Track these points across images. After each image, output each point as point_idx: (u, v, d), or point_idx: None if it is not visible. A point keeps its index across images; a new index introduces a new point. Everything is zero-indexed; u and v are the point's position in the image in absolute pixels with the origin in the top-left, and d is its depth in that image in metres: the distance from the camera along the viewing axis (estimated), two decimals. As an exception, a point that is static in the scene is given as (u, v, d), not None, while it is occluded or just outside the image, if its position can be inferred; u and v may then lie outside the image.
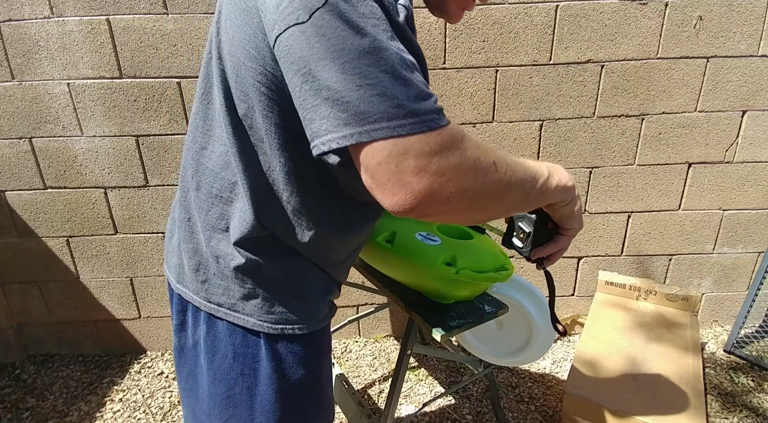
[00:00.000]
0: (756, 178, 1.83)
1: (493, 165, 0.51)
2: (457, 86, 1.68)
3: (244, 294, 0.74)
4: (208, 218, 0.72)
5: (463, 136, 0.50)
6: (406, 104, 0.47)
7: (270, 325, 0.74)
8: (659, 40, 1.64)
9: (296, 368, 0.78)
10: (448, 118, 0.50)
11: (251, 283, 0.73)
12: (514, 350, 1.34)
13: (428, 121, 0.47)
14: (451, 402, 1.69)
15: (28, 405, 1.74)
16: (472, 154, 0.50)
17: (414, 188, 0.48)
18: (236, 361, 0.76)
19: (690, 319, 1.80)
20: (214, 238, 0.72)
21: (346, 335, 2.07)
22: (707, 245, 1.93)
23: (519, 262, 1.95)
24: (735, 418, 1.59)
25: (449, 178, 0.48)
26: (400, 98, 0.47)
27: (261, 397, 0.78)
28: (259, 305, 0.74)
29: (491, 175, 0.51)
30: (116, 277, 1.89)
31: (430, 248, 0.91)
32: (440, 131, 0.48)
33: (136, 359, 1.98)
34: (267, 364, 0.76)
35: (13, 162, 1.71)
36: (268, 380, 0.77)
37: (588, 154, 1.79)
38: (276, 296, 0.74)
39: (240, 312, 0.75)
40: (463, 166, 0.49)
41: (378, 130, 0.46)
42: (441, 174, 0.48)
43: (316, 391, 0.83)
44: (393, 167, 0.47)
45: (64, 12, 1.53)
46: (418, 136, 0.47)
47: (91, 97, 1.63)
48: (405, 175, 0.47)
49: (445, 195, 0.49)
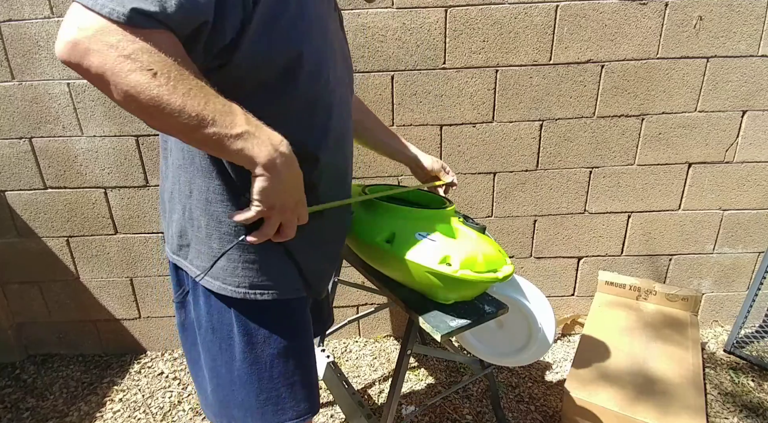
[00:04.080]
0: (756, 178, 1.83)
1: (148, 71, 0.53)
2: (457, 86, 1.68)
3: (211, 255, 0.79)
4: (180, 188, 0.79)
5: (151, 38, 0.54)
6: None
7: (233, 289, 0.79)
8: (659, 40, 1.64)
9: (266, 341, 0.85)
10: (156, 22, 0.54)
11: (217, 243, 0.78)
12: (514, 350, 1.34)
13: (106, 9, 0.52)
14: (451, 402, 1.69)
15: (28, 405, 1.74)
16: (132, 48, 0.53)
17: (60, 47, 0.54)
18: (215, 335, 0.84)
19: (690, 319, 1.80)
20: (188, 205, 0.79)
21: (346, 335, 2.07)
22: (707, 245, 1.93)
23: (519, 262, 1.95)
24: (735, 418, 1.59)
25: (93, 50, 0.53)
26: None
27: (238, 371, 0.85)
28: (224, 267, 0.79)
29: (137, 75, 0.53)
30: (116, 277, 1.89)
31: (428, 248, 0.91)
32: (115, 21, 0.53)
33: (136, 359, 1.98)
34: (240, 338, 0.83)
35: (13, 162, 1.71)
36: (242, 355, 0.84)
37: (588, 154, 1.79)
38: (238, 258, 0.78)
39: (210, 276, 0.80)
40: (112, 49, 0.53)
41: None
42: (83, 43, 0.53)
43: (288, 366, 0.87)
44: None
45: (64, 12, 1.53)
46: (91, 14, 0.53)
47: (91, 97, 1.63)
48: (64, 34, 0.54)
49: (86, 62, 0.53)
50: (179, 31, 0.57)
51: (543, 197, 1.85)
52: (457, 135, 1.74)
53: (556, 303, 2.03)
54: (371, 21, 1.58)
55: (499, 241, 1.90)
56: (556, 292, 2.01)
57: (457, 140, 1.75)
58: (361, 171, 1.78)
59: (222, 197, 0.75)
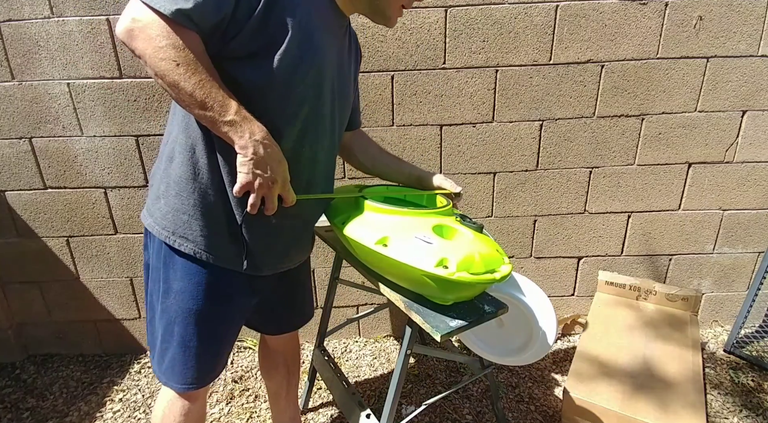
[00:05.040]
0: (756, 178, 1.83)
1: (174, 62, 0.74)
2: (457, 86, 1.68)
3: (156, 195, 0.94)
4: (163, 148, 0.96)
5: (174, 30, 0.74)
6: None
7: (160, 229, 0.93)
8: (659, 40, 1.64)
9: (176, 296, 0.95)
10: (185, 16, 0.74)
11: (165, 186, 0.92)
12: (515, 349, 1.34)
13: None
14: (451, 402, 1.69)
15: (28, 405, 1.74)
16: (165, 43, 0.74)
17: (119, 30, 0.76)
18: (151, 273, 1.01)
19: (690, 319, 1.80)
20: (161, 158, 0.95)
21: (346, 335, 2.07)
22: (707, 245, 1.93)
23: (519, 262, 1.95)
24: (735, 418, 1.59)
25: (140, 37, 0.74)
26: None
27: (154, 311, 1.01)
28: (161, 209, 0.93)
29: (164, 64, 0.75)
30: (116, 277, 1.89)
31: (424, 250, 0.90)
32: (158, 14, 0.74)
33: (136, 359, 1.98)
34: (162, 284, 0.96)
35: (13, 162, 1.71)
36: (160, 300, 0.97)
37: (588, 154, 1.79)
38: (173, 203, 0.91)
39: (149, 213, 0.96)
40: (152, 40, 0.74)
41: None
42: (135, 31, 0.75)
43: (188, 329, 0.97)
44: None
45: (64, 12, 1.53)
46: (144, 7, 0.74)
47: (91, 97, 1.63)
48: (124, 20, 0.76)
49: (133, 44, 0.75)
50: (204, 26, 0.77)
51: (543, 197, 1.85)
52: (457, 135, 1.74)
53: (556, 303, 2.03)
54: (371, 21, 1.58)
55: (498, 241, 1.89)
56: (556, 292, 2.01)
57: (457, 140, 1.75)
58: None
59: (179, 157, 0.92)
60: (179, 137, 0.90)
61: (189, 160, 0.89)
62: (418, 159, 1.77)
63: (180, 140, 0.90)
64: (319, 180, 1.03)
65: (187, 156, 0.89)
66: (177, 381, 1.00)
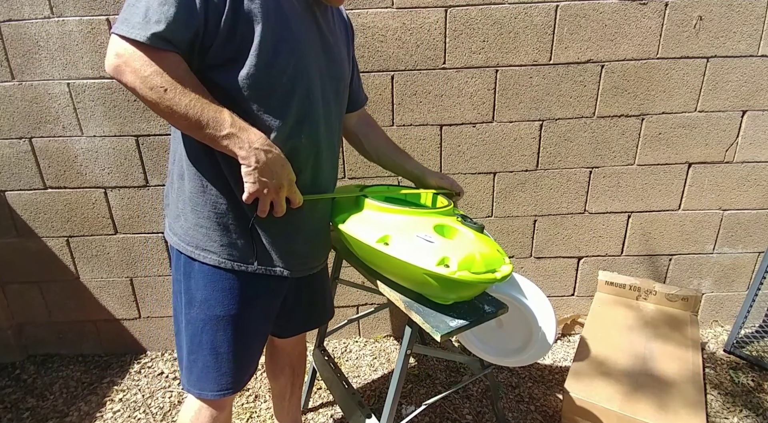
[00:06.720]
0: (756, 178, 1.83)
1: (161, 88, 0.76)
2: (457, 86, 1.68)
3: (176, 214, 0.96)
4: (171, 167, 0.99)
5: (160, 58, 0.76)
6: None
7: (185, 246, 0.95)
8: (659, 40, 1.64)
9: (201, 305, 0.96)
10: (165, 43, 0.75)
11: (182, 203, 0.94)
12: (515, 350, 1.34)
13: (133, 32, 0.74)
14: (451, 402, 1.69)
15: (28, 405, 1.74)
16: (150, 71, 0.75)
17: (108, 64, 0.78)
18: (175, 286, 1.01)
19: (690, 319, 1.80)
20: (171, 170, 0.98)
21: (346, 335, 2.07)
22: (707, 245, 1.93)
23: (519, 262, 1.95)
24: (735, 418, 1.59)
25: (127, 71, 0.76)
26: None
27: (180, 324, 1.00)
28: (183, 226, 0.95)
29: (153, 93, 0.76)
30: (116, 277, 1.89)
31: (426, 249, 0.90)
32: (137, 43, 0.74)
33: (136, 359, 1.98)
34: (183, 296, 0.97)
35: (13, 162, 1.71)
36: (184, 311, 0.98)
37: (588, 154, 1.79)
38: (191, 219, 0.93)
39: (172, 231, 0.98)
40: (138, 72, 0.75)
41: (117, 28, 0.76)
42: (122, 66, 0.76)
43: (218, 335, 0.97)
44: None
45: (64, 12, 1.53)
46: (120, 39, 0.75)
47: (91, 97, 1.63)
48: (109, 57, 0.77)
49: (123, 79, 0.77)
50: (181, 44, 0.78)
51: (543, 197, 1.85)
52: (457, 135, 1.74)
53: (556, 303, 2.03)
54: (371, 21, 1.59)
55: (498, 241, 1.89)
56: (556, 292, 2.01)
57: (457, 140, 1.75)
58: (362, 171, 1.78)
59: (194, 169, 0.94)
60: (184, 154, 0.92)
61: (196, 174, 0.92)
62: (418, 159, 1.75)
63: (185, 157, 0.92)
64: (325, 167, 1.03)
65: (194, 171, 0.92)
66: (211, 388, 1.00)
